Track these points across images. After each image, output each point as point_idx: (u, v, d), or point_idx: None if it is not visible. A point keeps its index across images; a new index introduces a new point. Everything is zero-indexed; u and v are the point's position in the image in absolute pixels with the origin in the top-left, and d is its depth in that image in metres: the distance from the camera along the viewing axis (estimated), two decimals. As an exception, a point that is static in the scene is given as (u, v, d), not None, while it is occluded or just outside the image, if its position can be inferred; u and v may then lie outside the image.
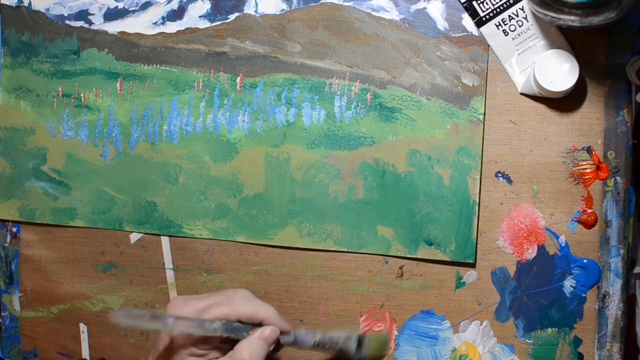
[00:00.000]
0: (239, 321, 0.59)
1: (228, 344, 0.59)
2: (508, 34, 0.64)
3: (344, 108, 0.68)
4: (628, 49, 0.64)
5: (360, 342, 0.62)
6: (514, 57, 0.64)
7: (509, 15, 0.64)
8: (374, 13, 0.67)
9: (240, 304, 0.59)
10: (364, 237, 0.68)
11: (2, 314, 0.78)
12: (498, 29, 0.64)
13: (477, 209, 0.65)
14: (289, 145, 0.69)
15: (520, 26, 0.64)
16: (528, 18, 0.64)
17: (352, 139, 0.68)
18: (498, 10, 0.64)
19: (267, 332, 0.58)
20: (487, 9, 0.64)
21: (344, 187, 0.68)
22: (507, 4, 0.64)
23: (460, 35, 0.65)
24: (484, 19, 0.64)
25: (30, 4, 0.74)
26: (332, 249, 0.69)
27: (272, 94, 0.69)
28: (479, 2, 0.64)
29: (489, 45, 0.65)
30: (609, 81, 0.64)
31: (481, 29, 0.65)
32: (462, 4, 0.65)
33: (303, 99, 0.69)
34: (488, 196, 0.66)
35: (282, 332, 0.60)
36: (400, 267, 0.68)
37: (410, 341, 0.68)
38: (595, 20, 0.56)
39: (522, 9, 0.64)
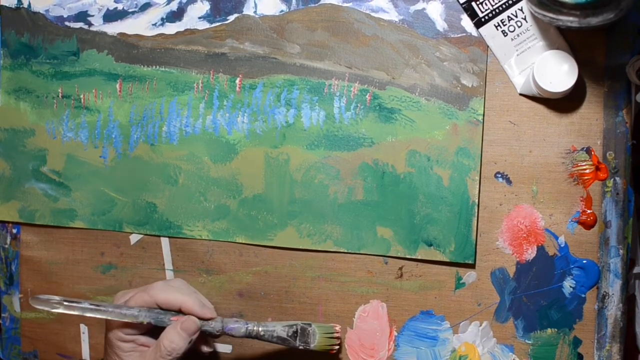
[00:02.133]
0: (161, 308, 0.63)
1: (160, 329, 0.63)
2: (507, 34, 0.64)
3: (343, 109, 0.68)
4: (627, 49, 0.63)
5: (303, 331, 0.63)
6: (513, 58, 0.64)
7: (508, 16, 0.64)
8: (373, 14, 0.67)
9: (157, 290, 0.63)
10: (364, 238, 0.68)
11: (3, 315, 0.78)
12: (497, 29, 0.64)
13: (476, 210, 0.65)
14: (288, 146, 0.69)
15: (519, 27, 0.64)
16: (527, 19, 0.64)
17: (352, 140, 0.68)
18: (497, 10, 0.64)
19: (185, 323, 0.62)
20: (486, 10, 0.64)
21: (343, 188, 0.68)
22: (506, 4, 0.64)
23: (459, 36, 0.65)
24: (483, 19, 0.64)
25: (29, 5, 0.74)
26: (331, 250, 0.69)
27: (271, 95, 0.69)
28: (478, 2, 0.64)
29: (488, 46, 0.65)
30: (608, 82, 0.64)
31: (480, 29, 0.65)
32: (461, 4, 0.65)
33: (302, 99, 0.69)
34: (487, 197, 0.66)
35: (207, 319, 0.64)
36: (400, 268, 0.68)
37: (410, 342, 0.68)
38: (594, 21, 0.56)
39: (522, 10, 0.64)
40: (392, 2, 0.67)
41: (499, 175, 0.66)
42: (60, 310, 0.63)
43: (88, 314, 0.63)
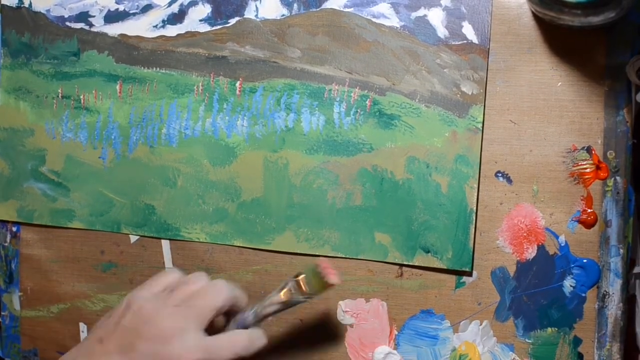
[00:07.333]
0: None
1: None
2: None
3: (343, 114, 0.68)
4: (628, 49, 0.63)
5: (299, 285, 0.61)
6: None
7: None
8: (374, 20, 0.67)
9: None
10: (362, 244, 0.68)
11: (2, 313, 0.78)
12: None
13: (474, 218, 0.65)
14: (287, 150, 0.69)
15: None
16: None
17: (351, 145, 0.68)
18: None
19: None
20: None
21: (342, 193, 0.68)
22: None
23: (460, 43, 0.65)
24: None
25: (30, 4, 0.74)
26: (329, 255, 0.69)
27: (271, 99, 0.69)
28: None
29: (488, 54, 0.65)
30: (608, 81, 0.63)
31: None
32: None
33: (302, 104, 0.68)
34: (488, 196, 0.66)
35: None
36: (400, 267, 0.68)
37: (410, 341, 0.68)
38: (595, 19, 0.56)
39: None
40: (394, 8, 0.66)
41: (500, 174, 0.66)
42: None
43: None
